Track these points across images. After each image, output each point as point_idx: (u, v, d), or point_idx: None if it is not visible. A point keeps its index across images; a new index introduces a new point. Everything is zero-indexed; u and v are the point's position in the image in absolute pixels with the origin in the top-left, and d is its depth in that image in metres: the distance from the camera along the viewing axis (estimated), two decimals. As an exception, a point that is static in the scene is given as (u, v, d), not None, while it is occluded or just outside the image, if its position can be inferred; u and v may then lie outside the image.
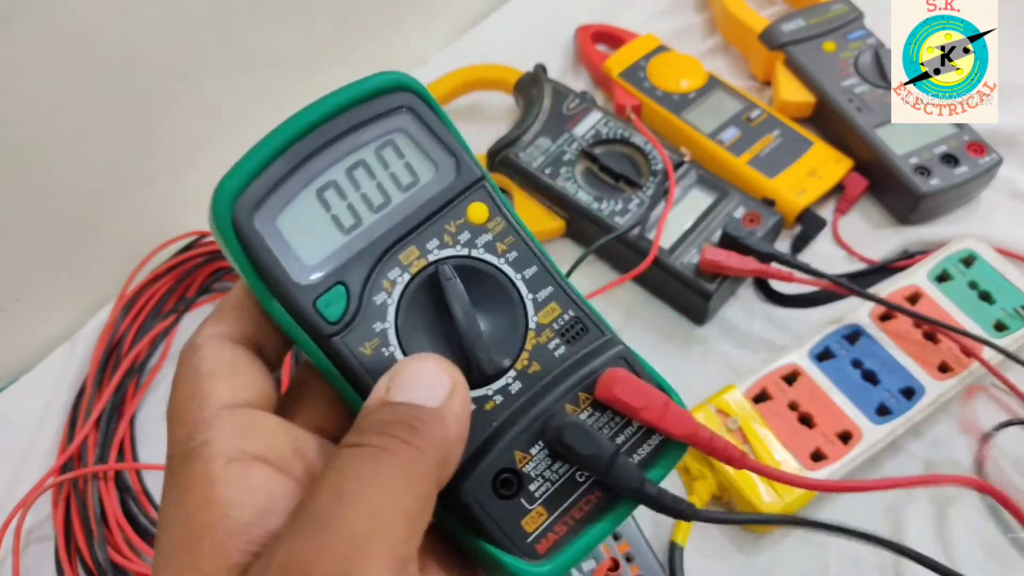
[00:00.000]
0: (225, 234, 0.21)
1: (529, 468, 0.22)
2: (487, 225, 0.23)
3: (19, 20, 0.42)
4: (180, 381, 0.21)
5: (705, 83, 0.59)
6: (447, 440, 0.19)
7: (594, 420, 0.23)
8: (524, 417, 0.22)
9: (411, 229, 0.23)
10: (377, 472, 0.18)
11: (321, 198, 0.22)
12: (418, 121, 0.23)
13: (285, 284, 0.21)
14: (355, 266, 0.22)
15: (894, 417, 0.43)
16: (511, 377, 0.23)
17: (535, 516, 0.22)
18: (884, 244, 0.53)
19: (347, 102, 0.23)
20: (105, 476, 0.46)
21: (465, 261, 0.23)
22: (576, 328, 0.23)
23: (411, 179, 0.23)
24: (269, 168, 0.22)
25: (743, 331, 0.50)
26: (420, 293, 0.22)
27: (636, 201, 0.51)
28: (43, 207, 0.49)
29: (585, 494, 0.22)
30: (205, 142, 0.56)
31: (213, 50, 0.52)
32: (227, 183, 0.22)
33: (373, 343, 0.22)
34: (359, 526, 0.17)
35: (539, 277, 0.23)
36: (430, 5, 0.66)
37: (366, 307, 0.22)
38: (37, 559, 0.45)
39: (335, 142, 0.22)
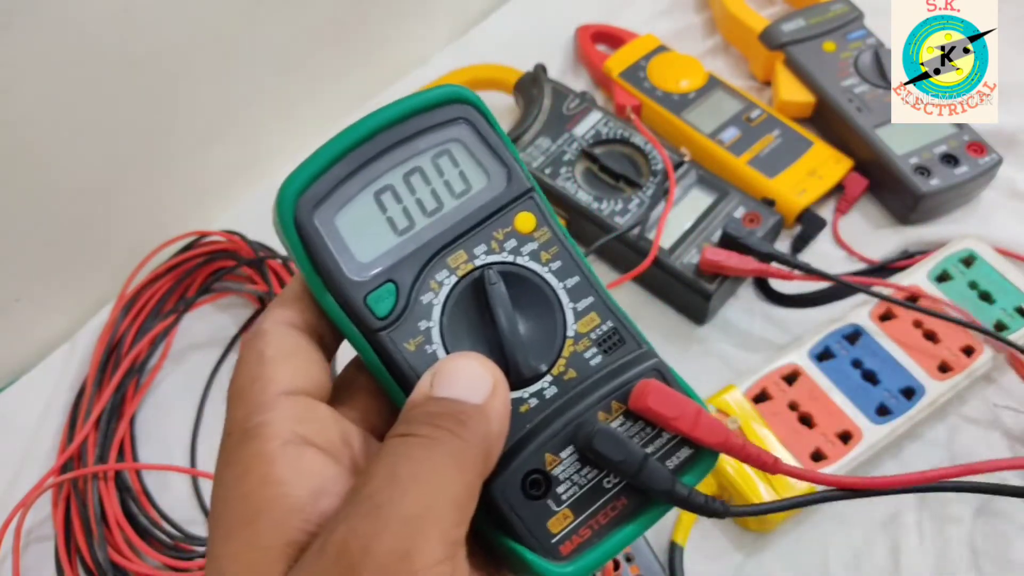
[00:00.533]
0: (287, 229, 0.23)
1: (558, 471, 0.23)
2: (533, 234, 0.24)
3: (19, 20, 0.42)
4: (244, 363, 0.22)
5: (705, 83, 0.59)
6: (490, 435, 0.20)
7: (626, 429, 0.23)
8: (557, 421, 0.23)
9: (461, 234, 0.24)
10: (429, 459, 0.19)
11: (378, 200, 0.23)
12: (474, 132, 0.24)
13: (339, 279, 0.22)
14: (406, 266, 0.23)
15: (894, 417, 0.43)
16: (547, 382, 0.23)
17: (561, 518, 0.22)
18: (884, 244, 0.53)
19: (409, 111, 0.24)
20: (105, 476, 0.46)
21: (510, 267, 0.24)
22: (613, 339, 0.24)
23: (464, 187, 0.24)
24: (331, 169, 0.23)
25: (743, 331, 0.50)
26: (465, 295, 0.23)
27: (636, 201, 0.51)
28: (43, 207, 0.49)
29: (612, 500, 0.23)
30: (205, 142, 0.56)
31: (213, 50, 0.52)
32: (291, 182, 0.23)
33: (418, 340, 0.23)
34: (415, 508, 0.18)
35: (580, 287, 0.24)
36: (430, 5, 0.66)
37: (413, 305, 0.23)
38: (37, 559, 0.45)
39: (394, 148, 0.24)
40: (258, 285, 0.53)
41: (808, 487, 0.41)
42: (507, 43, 0.67)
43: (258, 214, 0.59)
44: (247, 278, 0.54)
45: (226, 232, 0.54)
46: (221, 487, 0.20)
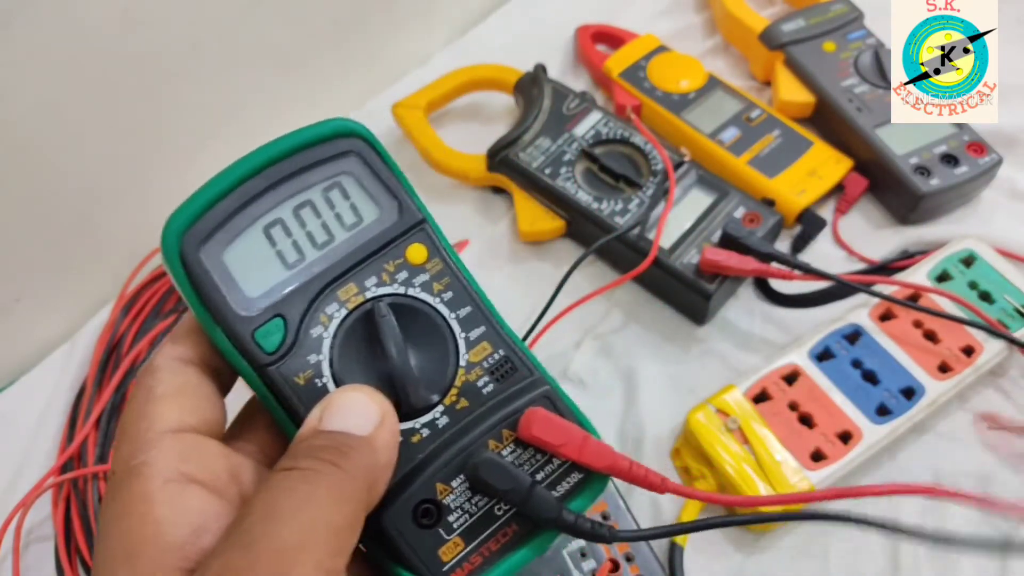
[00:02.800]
0: (172, 265, 0.22)
1: (449, 500, 0.23)
2: (425, 265, 0.24)
3: (19, 20, 0.42)
4: (133, 401, 0.22)
5: (705, 83, 0.59)
6: (375, 466, 0.21)
7: (516, 456, 0.24)
8: (448, 451, 0.23)
9: (351, 266, 0.24)
10: (307, 492, 0.19)
11: (267, 234, 0.23)
12: (364, 165, 0.24)
13: (226, 314, 0.22)
14: (295, 300, 0.23)
15: (894, 417, 0.43)
16: (439, 412, 0.24)
17: (452, 546, 0.23)
18: (884, 244, 0.53)
19: (298, 145, 0.24)
20: (105, 476, 0.46)
21: (401, 299, 0.24)
22: (505, 367, 0.24)
23: (355, 219, 0.24)
24: (219, 204, 0.23)
25: (743, 331, 0.50)
26: (356, 328, 0.23)
27: (636, 201, 0.51)
28: (43, 207, 0.49)
29: (503, 527, 0.23)
30: (205, 142, 0.56)
31: (212, 50, 0.52)
32: (177, 218, 0.23)
33: (307, 374, 0.23)
34: (289, 540, 0.18)
35: (472, 317, 0.25)
36: (430, 5, 0.66)
37: (303, 339, 0.23)
38: (37, 559, 0.45)
39: (284, 182, 0.24)
40: (258, 285, 0.53)
41: (809, 487, 0.41)
42: (507, 43, 0.67)
43: (258, 214, 0.59)
44: (247, 278, 0.54)
45: (226, 232, 0.54)
46: (103, 526, 0.20)
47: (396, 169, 0.25)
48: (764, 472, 0.41)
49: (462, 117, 0.63)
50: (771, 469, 0.41)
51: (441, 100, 0.61)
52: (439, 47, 0.68)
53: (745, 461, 0.42)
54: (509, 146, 0.55)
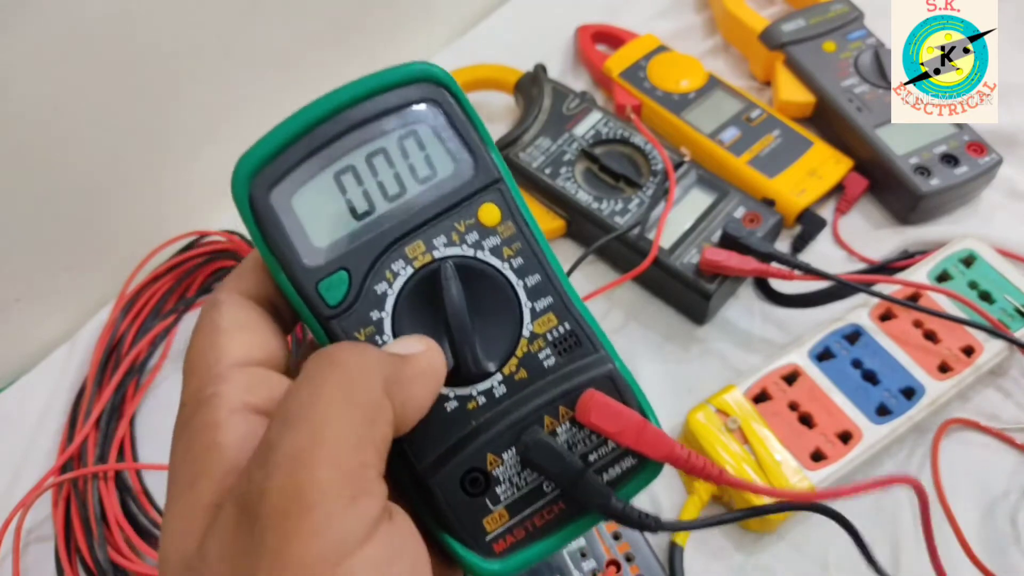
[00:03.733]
0: (242, 207, 0.22)
1: (498, 472, 0.22)
2: (497, 228, 0.23)
3: (19, 20, 0.42)
4: (199, 333, 0.22)
5: (705, 83, 0.59)
6: (401, 371, 0.20)
7: (570, 435, 0.23)
8: (503, 421, 0.23)
9: (422, 223, 0.23)
10: (314, 394, 0.19)
11: (338, 181, 0.22)
12: (443, 115, 0.23)
13: (292, 263, 0.22)
14: (361, 254, 0.22)
15: (894, 417, 0.43)
16: (497, 381, 0.23)
17: (497, 517, 0.22)
18: (884, 244, 0.53)
19: (375, 88, 0.23)
20: (105, 476, 0.46)
21: (469, 261, 0.23)
22: (569, 341, 0.23)
23: (428, 172, 0.23)
24: (291, 147, 0.22)
25: (743, 331, 0.50)
26: (420, 287, 0.23)
27: (636, 201, 0.51)
28: (43, 207, 0.49)
29: (549, 504, 0.23)
30: (205, 141, 0.56)
31: (212, 50, 0.52)
32: (247, 159, 0.22)
33: (368, 330, 0.22)
34: (301, 443, 0.18)
35: (541, 286, 0.24)
36: (430, 5, 0.66)
37: (367, 294, 0.22)
38: (37, 559, 0.45)
39: (359, 127, 0.22)
40: (258, 285, 0.53)
41: (809, 487, 0.41)
42: (507, 43, 0.67)
43: (258, 214, 0.59)
44: (247, 278, 0.54)
45: (226, 232, 0.54)
46: (174, 455, 0.21)
47: (478, 121, 0.23)
48: (764, 472, 0.41)
49: (462, 117, 0.63)
50: (771, 469, 0.41)
51: (441, 100, 0.61)
52: (439, 47, 0.68)
53: (745, 461, 0.42)
54: (509, 146, 0.55)
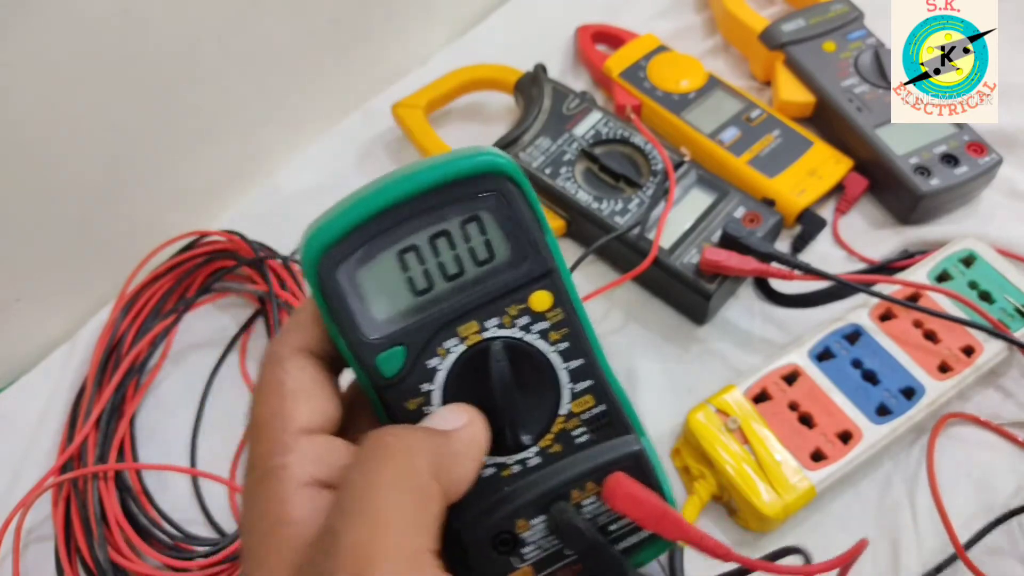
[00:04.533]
0: (310, 278, 0.23)
1: (526, 535, 0.24)
2: (547, 314, 0.25)
3: (19, 21, 0.42)
4: (264, 395, 0.23)
5: (705, 83, 0.59)
6: (445, 449, 0.22)
7: (594, 507, 0.25)
8: (534, 490, 0.24)
9: (476, 305, 0.24)
10: (368, 483, 0.20)
11: (401, 259, 0.24)
12: (506, 204, 0.24)
13: (353, 336, 0.23)
14: (418, 330, 0.24)
15: (894, 417, 0.43)
16: (532, 452, 0.25)
17: (521, 574, 0.24)
18: (884, 244, 0.53)
19: (448, 178, 0.24)
20: (105, 476, 0.46)
21: (517, 343, 0.24)
22: (603, 421, 0.25)
23: (487, 255, 0.24)
24: (361, 227, 0.23)
25: (743, 331, 0.50)
26: (469, 364, 0.24)
27: (636, 201, 0.51)
28: (43, 207, 0.49)
29: (570, 564, 0.25)
30: (205, 142, 0.56)
31: (212, 50, 0.52)
32: (320, 235, 0.23)
33: (418, 400, 0.24)
34: (362, 535, 0.19)
35: (582, 370, 0.25)
36: (430, 5, 0.66)
37: (419, 368, 0.24)
38: (37, 559, 0.45)
39: (426, 212, 0.24)
40: (258, 285, 0.53)
41: (809, 487, 0.41)
42: (507, 43, 0.67)
43: (258, 214, 0.59)
44: (247, 278, 0.54)
45: (226, 232, 0.54)
46: (246, 522, 0.22)
47: (538, 211, 0.25)
48: (764, 472, 0.41)
49: (462, 117, 0.63)
50: (771, 469, 0.41)
51: (441, 100, 0.61)
52: (439, 47, 0.68)
53: (745, 461, 0.42)
54: (509, 146, 0.55)
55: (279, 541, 0.21)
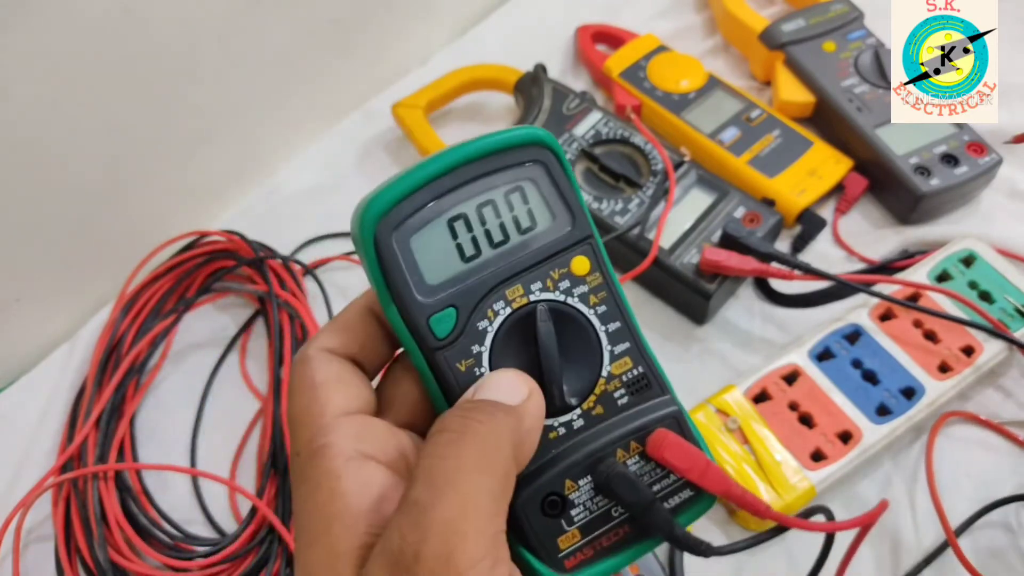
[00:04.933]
0: (366, 247, 0.24)
1: (574, 496, 0.25)
2: (586, 278, 0.26)
3: (19, 21, 0.42)
4: (297, 390, 0.24)
5: (705, 83, 0.59)
6: (520, 429, 0.22)
7: (639, 467, 0.25)
8: (580, 451, 0.25)
9: (521, 269, 0.25)
10: (458, 456, 0.21)
11: (451, 227, 0.25)
12: (547, 175, 0.26)
13: (407, 299, 0.24)
14: (468, 293, 0.25)
15: (894, 417, 0.43)
16: (576, 414, 0.25)
17: (570, 536, 0.25)
18: (884, 244, 0.53)
19: (491, 149, 0.25)
20: (105, 476, 0.46)
21: (560, 306, 0.25)
22: (641, 383, 0.26)
23: (530, 223, 0.26)
24: (413, 195, 0.24)
25: (743, 331, 0.50)
26: (516, 326, 0.25)
27: (636, 201, 0.51)
28: (43, 207, 0.49)
29: (617, 527, 0.25)
30: (205, 142, 0.56)
31: (212, 50, 0.52)
32: (375, 203, 0.24)
33: (468, 362, 0.25)
34: (452, 512, 0.20)
35: (620, 332, 0.26)
36: (430, 5, 0.66)
37: (470, 330, 0.25)
38: (37, 559, 0.45)
39: (472, 181, 0.25)
40: (258, 285, 0.53)
41: (809, 487, 0.41)
42: (507, 43, 0.67)
43: (258, 214, 0.59)
44: (247, 278, 0.54)
45: (226, 232, 0.54)
46: (298, 501, 0.23)
47: (575, 183, 0.26)
48: (764, 472, 0.41)
49: (462, 117, 0.63)
50: (771, 469, 0.41)
51: (441, 100, 0.61)
52: (439, 47, 0.68)
53: (745, 461, 0.42)
54: (509, 146, 0.55)
55: (338, 511, 0.21)
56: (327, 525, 0.21)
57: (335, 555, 0.21)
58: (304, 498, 0.23)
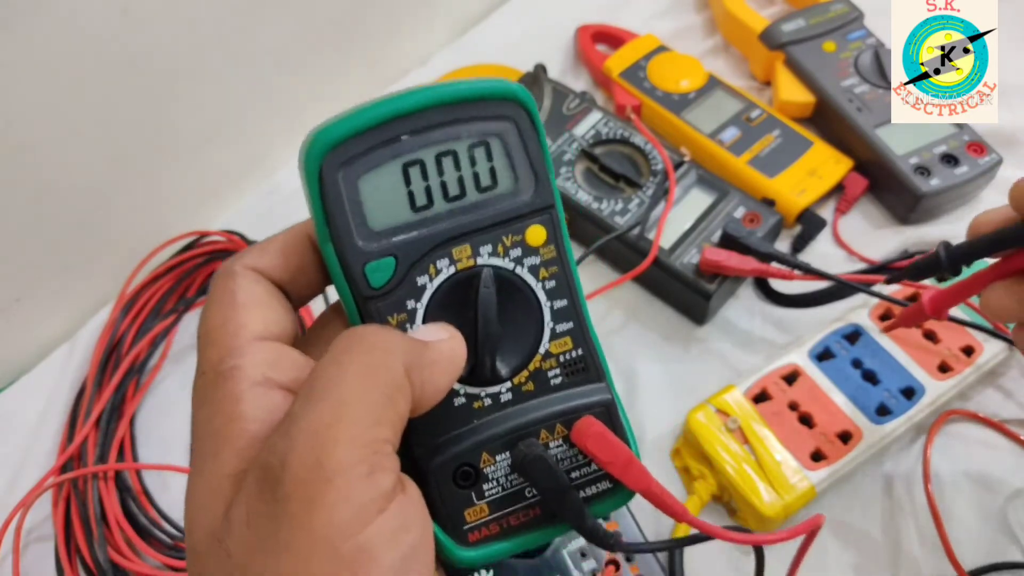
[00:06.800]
0: (310, 179, 0.23)
1: (489, 470, 0.24)
2: (540, 249, 0.25)
3: (19, 21, 0.42)
4: (216, 304, 0.23)
5: (705, 83, 0.59)
6: (421, 355, 0.21)
7: (560, 451, 0.25)
8: (502, 425, 0.24)
9: (473, 230, 0.24)
10: (339, 372, 0.20)
11: (405, 171, 0.23)
12: (518, 134, 0.24)
13: (346, 241, 0.23)
14: (412, 245, 0.23)
15: (894, 417, 0.43)
16: (505, 388, 0.25)
17: (477, 510, 0.24)
18: (884, 244, 0.53)
19: (461, 96, 0.23)
20: (105, 476, 0.46)
21: (507, 274, 0.24)
22: (578, 366, 0.25)
23: (490, 183, 0.24)
24: (369, 132, 0.23)
25: (743, 331, 0.50)
26: (458, 287, 0.24)
27: (636, 201, 0.51)
28: (43, 207, 0.49)
29: (527, 508, 0.25)
30: (205, 142, 0.56)
31: (212, 50, 0.52)
32: (326, 133, 0.22)
33: (401, 317, 0.23)
34: (324, 418, 0.19)
35: (565, 311, 0.25)
36: (430, 5, 0.66)
37: (407, 284, 0.23)
38: (37, 559, 0.45)
39: (436, 128, 0.23)
40: (258, 285, 0.53)
41: (809, 487, 0.41)
42: (507, 43, 0.67)
43: (258, 214, 0.59)
44: (247, 278, 0.54)
45: (226, 232, 0.54)
46: (196, 424, 0.22)
47: (545, 147, 0.25)
48: (764, 472, 0.41)
49: (462, 117, 0.63)
50: (771, 469, 0.41)
51: (441, 100, 0.61)
52: (439, 47, 0.68)
53: (745, 461, 0.42)
54: (509, 146, 0.55)
55: (231, 436, 0.20)
56: (218, 448, 0.20)
57: (219, 478, 0.20)
58: (202, 422, 0.21)
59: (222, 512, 0.20)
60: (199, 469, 0.21)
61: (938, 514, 0.41)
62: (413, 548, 0.19)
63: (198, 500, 0.20)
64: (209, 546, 0.19)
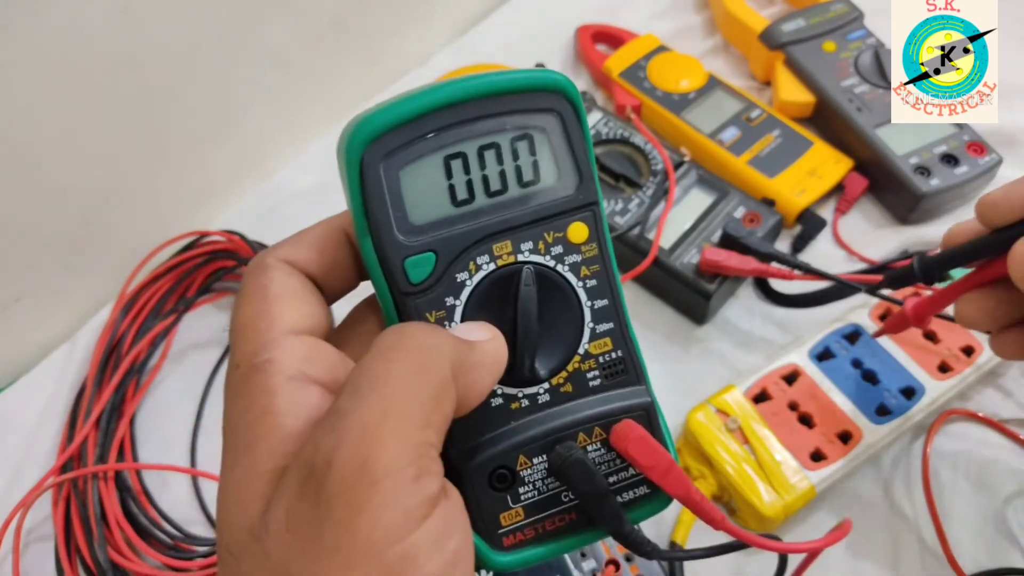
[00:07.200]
0: (350, 170, 0.22)
1: (526, 473, 0.24)
2: (581, 247, 0.24)
3: (19, 21, 0.42)
4: (248, 298, 0.22)
5: (705, 83, 0.59)
6: (467, 355, 0.21)
7: (599, 455, 0.24)
8: (540, 428, 0.24)
9: (515, 225, 0.23)
10: (387, 369, 0.19)
11: (447, 165, 0.23)
12: (561, 128, 0.24)
13: (386, 234, 0.22)
14: (452, 240, 0.23)
15: (894, 417, 0.43)
16: (543, 389, 0.24)
17: (513, 514, 0.24)
18: (884, 244, 0.53)
19: (506, 87, 0.23)
20: (105, 476, 0.46)
21: (548, 272, 0.24)
22: (618, 367, 0.25)
23: (532, 177, 0.24)
24: (412, 123, 0.22)
25: (743, 331, 0.50)
26: (498, 284, 0.23)
27: (636, 201, 0.51)
28: (43, 207, 0.49)
29: (564, 512, 0.24)
30: (205, 142, 0.56)
31: (213, 50, 0.52)
32: (368, 124, 0.22)
33: (439, 314, 0.23)
34: (372, 416, 0.18)
35: (606, 311, 0.24)
36: (430, 5, 0.66)
37: (446, 280, 0.23)
38: (37, 559, 0.45)
39: (479, 120, 0.23)
40: (258, 285, 0.52)
41: (809, 487, 0.41)
42: (507, 43, 0.67)
43: (258, 214, 0.59)
44: (247, 278, 0.54)
45: (226, 232, 0.54)
46: (229, 417, 0.21)
47: (590, 142, 0.24)
48: (764, 472, 0.41)
49: (462, 117, 0.63)
50: (771, 469, 0.41)
51: (441, 100, 0.61)
52: (439, 47, 0.68)
53: (745, 461, 0.42)
54: (509, 146, 0.55)
55: (266, 430, 0.20)
56: (252, 443, 0.20)
57: (256, 474, 0.20)
58: (235, 416, 0.21)
59: (259, 510, 0.19)
60: (232, 463, 0.21)
61: (937, 514, 0.41)
62: (456, 554, 0.19)
63: (233, 496, 0.20)
64: (246, 545, 0.19)
